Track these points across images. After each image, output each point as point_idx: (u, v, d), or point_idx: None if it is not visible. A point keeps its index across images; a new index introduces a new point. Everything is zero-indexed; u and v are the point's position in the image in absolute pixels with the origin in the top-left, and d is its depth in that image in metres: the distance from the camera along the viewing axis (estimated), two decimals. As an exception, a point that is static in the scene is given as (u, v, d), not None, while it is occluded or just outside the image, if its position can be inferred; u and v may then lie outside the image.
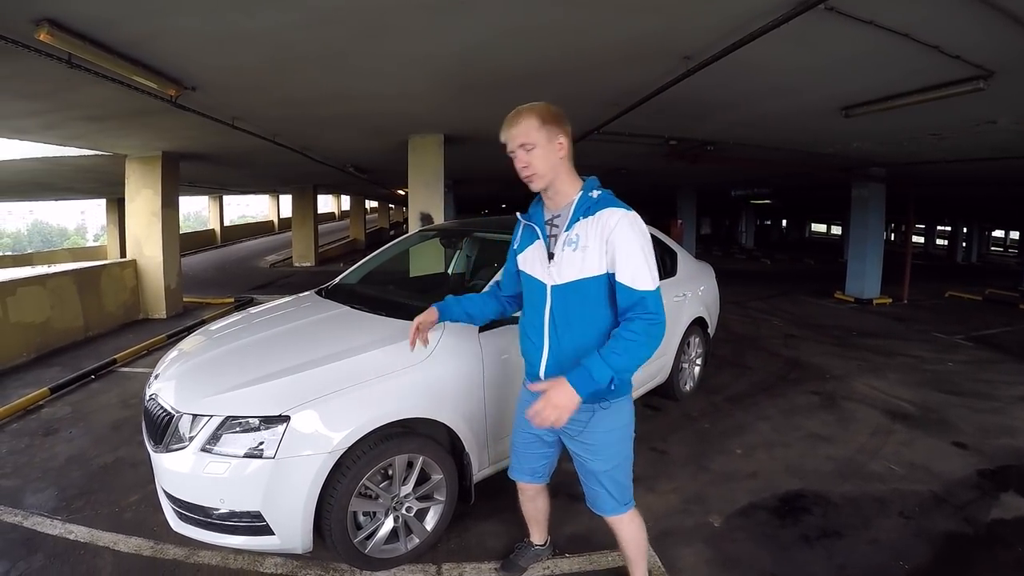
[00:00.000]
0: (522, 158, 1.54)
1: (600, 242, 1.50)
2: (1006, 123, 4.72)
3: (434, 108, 5.00)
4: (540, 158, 1.53)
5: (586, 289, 1.53)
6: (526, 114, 1.52)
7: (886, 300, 8.85)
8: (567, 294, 1.56)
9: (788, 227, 29.91)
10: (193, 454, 1.86)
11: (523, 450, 1.82)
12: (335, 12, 2.75)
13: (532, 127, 1.51)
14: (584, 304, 1.55)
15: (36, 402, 3.88)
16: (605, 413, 1.60)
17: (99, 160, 7.25)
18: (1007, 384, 4.62)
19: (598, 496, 1.69)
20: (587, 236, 1.52)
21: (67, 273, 5.80)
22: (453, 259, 4.05)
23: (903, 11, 2.67)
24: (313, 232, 14.55)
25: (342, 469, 1.85)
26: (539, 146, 1.51)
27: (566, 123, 1.55)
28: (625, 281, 1.47)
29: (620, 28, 2.99)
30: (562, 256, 1.56)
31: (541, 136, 1.51)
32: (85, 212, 60.82)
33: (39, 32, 2.70)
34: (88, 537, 2.31)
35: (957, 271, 16.10)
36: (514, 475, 1.88)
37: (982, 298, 9.44)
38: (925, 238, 27.34)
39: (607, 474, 1.65)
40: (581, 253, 1.52)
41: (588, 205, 1.54)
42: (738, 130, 5.76)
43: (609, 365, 1.41)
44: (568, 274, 1.55)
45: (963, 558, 2.27)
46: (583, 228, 1.53)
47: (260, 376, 1.98)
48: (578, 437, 1.64)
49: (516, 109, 1.57)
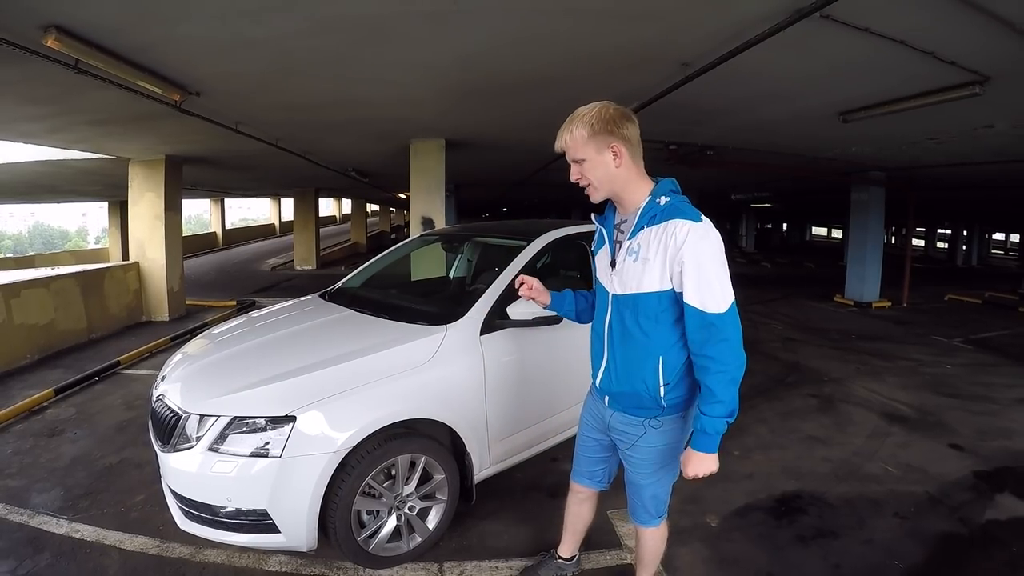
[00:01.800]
0: (575, 171, 1.47)
1: (664, 256, 1.39)
2: (1003, 127, 4.76)
3: (435, 113, 5.05)
4: (592, 170, 1.44)
5: (643, 305, 1.45)
6: (576, 125, 1.42)
7: (886, 303, 8.88)
8: (625, 307, 1.49)
9: (789, 230, 29.88)
10: (200, 453, 1.90)
11: (584, 454, 1.81)
12: (339, 20, 2.80)
13: (580, 141, 1.42)
14: (640, 320, 1.46)
15: (41, 403, 3.92)
16: (655, 431, 1.56)
17: (102, 163, 7.31)
18: (1005, 387, 4.65)
19: (636, 507, 1.70)
20: (649, 247, 1.41)
21: (71, 275, 5.84)
22: (454, 263, 4.09)
23: (897, 19, 2.71)
24: (315, 235, 14.58)
25: (347, 468, 1.88)
26: (589, 159, 1.42)
27: (624, 125, 1.42)
28: (693, 303, 1.37)
29: (620, 36, 3.04)
30: (623, 266, 1.48)
31: (590, 149, 1.41)
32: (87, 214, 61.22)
33: (47, 38, 2.75)
34: (94, 536, 2.35)
35: (957, 274, 16.07)
36: (574, 477, 1.86)
37: (982, 301, 9.45)
38: (925, 241, 27.34)
39: (647, 488, 1.64)
40: (641, 265, 1.43)
41: (654, 213, 1.43)
42: (737, 135, 5.80)
43: (717, 416, 1.39)
44: (628, 286, 1.47)
45: (957, 558, 2.29)
46: (646, 238, 1.42)
47: (266, 378, 2.02)
48: (629, 450, 1.63)
49: (571, 115, 1.45)
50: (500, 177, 11.43)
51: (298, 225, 14.83)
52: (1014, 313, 8.57)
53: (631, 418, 1.58)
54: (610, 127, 1.40)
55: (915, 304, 9.03)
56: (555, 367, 2.56)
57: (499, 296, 2.38)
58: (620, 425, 1.62)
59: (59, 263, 12.66)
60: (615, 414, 1.62)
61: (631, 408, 1.57)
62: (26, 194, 12.66)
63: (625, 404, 1.58)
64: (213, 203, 20.61)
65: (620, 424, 1.62)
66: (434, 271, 4.54)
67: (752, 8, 2.65)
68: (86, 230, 62.28)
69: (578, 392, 2.69)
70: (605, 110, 1.42)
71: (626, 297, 1.49)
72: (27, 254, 19.97)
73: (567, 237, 2.91)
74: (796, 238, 29.45)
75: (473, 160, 7.85)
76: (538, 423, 2.55)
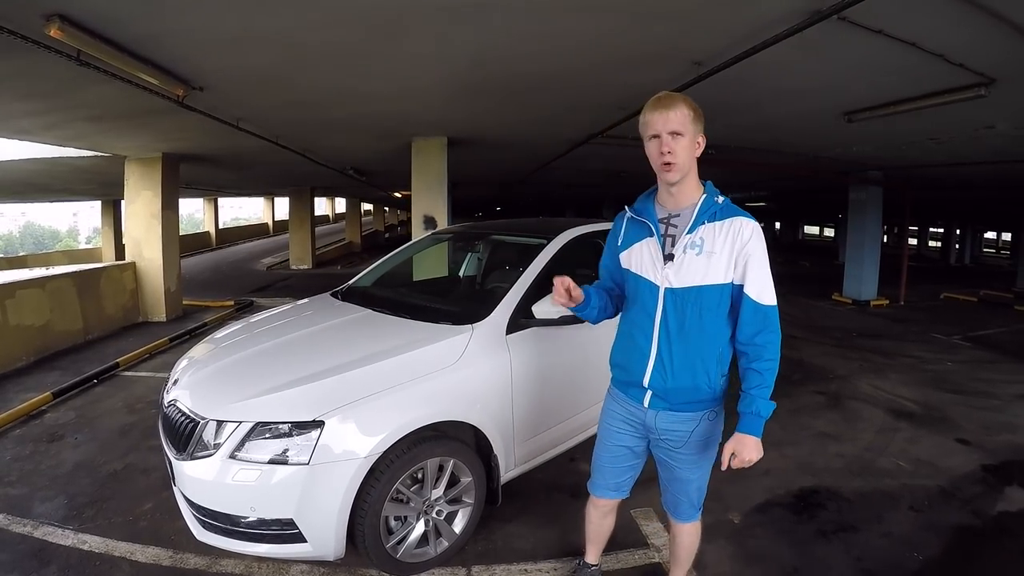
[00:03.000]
0: (668, 144, 1.44)
1: (731, 251, 1.45)
2: (1004, 128, 4.81)
3: (441, 111, 5.00)
4: (685, 149, 1.45)
5: (708, 297, 1.48)
6: (683, 103, 1.44)
7: (883, 301, 8.98)
8: (685, 300, 1.49)
9: (782, 229, 30.16)
10: (220, 461, 1.82)
11: (610, 465, 1.73)
12: (354, 12, 2.73)
13: (688, 118, 1.43)
14: (702, 312, 1.49)
15: (39, 407, 3.83)
16: (711, 420, 1.58)
17: (97, 161, 7.17)
18: (1005, 383, 4.72)
19: (680, 503, 1.68)
20: (714, 242, 1.46)
21: (67, 275, 5.72)
22: (464, 262, 4.06)
23: (912, 21, 2.71)
24: (310, 234, 14.48)
25: (376, 474, 1.84)
26: (687, 137, 1.45)
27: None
28: (752, 295, 1.45)
29: (635, 34, 3.02)
30: (683, 259, 1.49)
31: (692, 128, 1.45)
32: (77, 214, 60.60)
33: (49, 27, 2.65)
34: (103, 547, 2.26)
35: (951, 272, 16.31)
36: (596, 491, 1.80)
37: (977, 299, 9.60)
38: (918, 240, 27.69)
39: (695, 482, 1.64)
40: (706, 259, 1.46)
41: (715, 210, 1.49)
42: (741, 134, 5.82)
43: (766, 400, 1.46)
44: (689, 279, 1.48)
45: (973, 549, 2.34)
46: (709, 233, 1.47)
47: (289, 380, 1.96)
48: (679, 448, 1.60)
49: (666, 94, 1.48)
50: (498, 176, 11.40)
51: (294, 224, 14.71)
52: (1010, 311, 8.70)
53: (682, 415, 1.56)
54: (702, 119, 1.48)
55: (912, 302, 9.14)
56: (577, 366, 2.54)
57: (523, 295, 2.36)
58: (669, 424, 1.58)
59: (52, 263, 12.44)
60: (661, 413, 1.58)
61: (682, 404, 1.55)
62: (19, 193, 12.38)
63: (677, 400, 1.55)
64: (207, 202, 20.37)
65: (669, 423, 1.58)
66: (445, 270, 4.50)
67: (770, 8, 2.63)
68: (77, 230, 61.50)
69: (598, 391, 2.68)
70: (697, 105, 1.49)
71: (687, 290, 1.49)
72: (19, 254, 19.63)
73: (585, 235, 2.89)
74: (789, 237, 29.71)
75: (472, 159, 7.81)
76: (560, 423, 2.53)
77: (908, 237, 12.37)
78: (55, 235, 58.47)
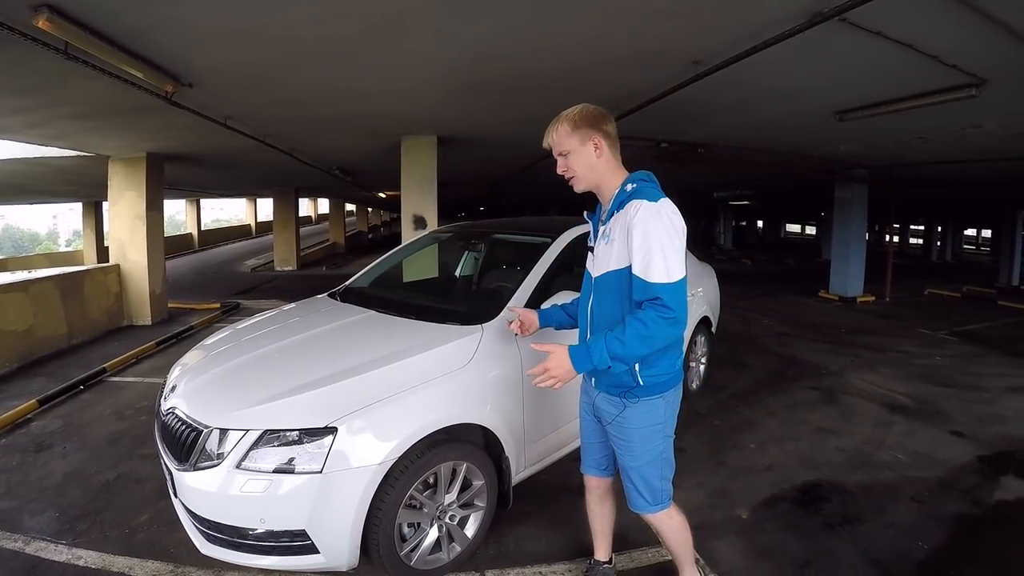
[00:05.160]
0: (560, 164, 1.63)
1: (623, 234, 1.51)
2: (991, 127, 4.92)
3: (433, 109, 4.95)
4: (576, 162, 1.60)
5: (612, 283, 1.57)
6: (560, 122, 1.59)
7: (870, 298, 9.13)
8: (601, 288, 1.62)
9: (764, 228, 30.55)
10: (227, 472, 1.75)
11: (586, 440, 1.84)
12: (353, 6, 2.67)
13: (564, 134, 1.58)
14: (612, 298, 1.58)
15: (25, 415, 3.70)
16: (635, 409, 1.60)
17: (80, 161, 6.97)
18: (994, 376, 4.83)
19: (630, 492, 1.70)
20: (615, 229, 1.55)
21: (50, 279, 5.55)
22: (461, 261, 4.02)
23: (911, 23, 2.75)
24: (295, 236, 14.30)
25: (390, 480, 1.79)
26: (574, 151, 1.59)
27: (604, 122, 1.58)
28: (637, 272, 1.46)
29: (637, 32, 3.01)
30: (599, 250, 1.63)
31: (574, 141, 1.57)
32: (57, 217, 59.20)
33: (38, 19, 2.54)
34: (99, 562, 2.16)
35: (933, 269, 16.64)
36: (584, 468, 1.88)
37: (961, 295, 9.81)
38: (900, 237, 28.30)
39: (636, 471, 1.65)
40: (611, 247, 1.56)
41: (622, 199, 1.56)
42: (731, 133, 5.86)
43: (608, 349, 1.43)
44: (601, 267, 1.61)
45: (975, 536, 2.40)
46: (616, 222, 1.56)
47: (297, 385, 1.90)
48: (610, 427, 1.68)
49: (556, 116, 1.62)
50: (484, 176, 11.34)
51: (278, 225, 14.50)
52: (993, 306, 8.90)
53: (611, 397, 1.64)
54: (591, 122, 1.57)
55: (897, 298, 9.31)
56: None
57: (531, 293, 2.34)
58: (603, 404, 1.69)
59: (32, 266, 12.08)
60: (600, 394, 1.69)
61: (611, 387, 1.64)
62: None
63: (606, 383, 1.65)
64: (189, 204, 20.01)
65: (603, 403, 1.69)
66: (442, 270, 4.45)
67: (773, 9, 2.65)
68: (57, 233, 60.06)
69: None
70: (586, 108, 1.60)
71: (600, 278, 1.62)
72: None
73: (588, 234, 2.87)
74: (771, 235, 30.14)
75: (460, 158, 7.74)
76: (568, 423, 2.50)
77: (892, 234, 12.61)
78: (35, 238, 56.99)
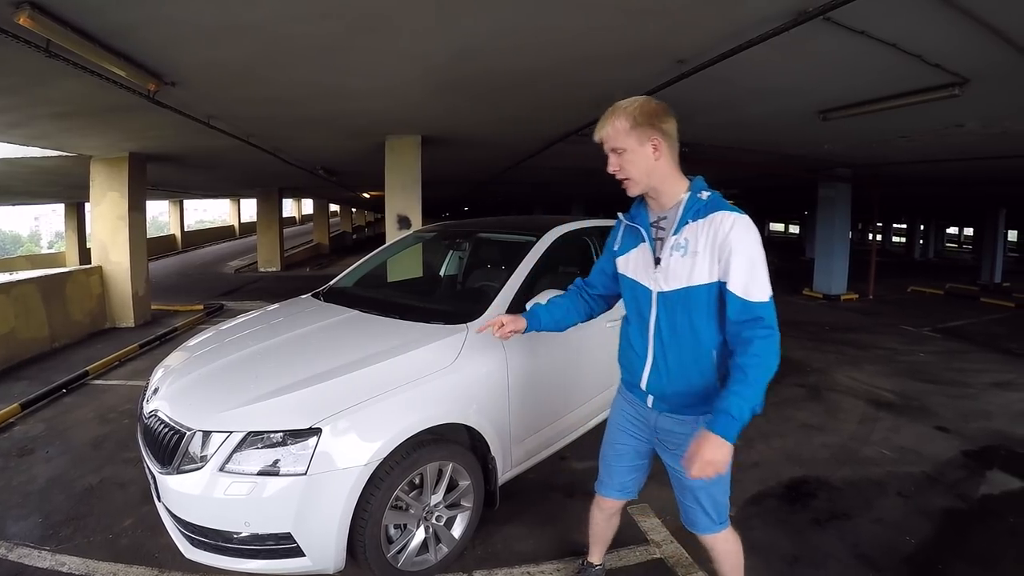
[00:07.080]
0: (614, 162, 1.47)
1: (712, 248, 1.39)
2: (973, 127, 4.99)
3: (420, 107, 4.90)
4: (632, 163, 1.44)
5: (694, 298, 1.43)
6: (617, 115, 1.43)
7: (853, 296, 9.25)
8: (674, 303, 1.46)
9: (750, 226, 30.67)
10: (210, 475, 1.72)
11: (616, 463, 1.71)
12: (338, 4, 2.65)
13: (622, 131, 1.42)
14: (691, 314, 1.45)
15: (6, 419, 3.62)
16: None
17: (61, 162, 6.84)
18: (977, 372, 4.91)
19: (694, 513, 1.60)
20: (697, 241, 1.41)
21: (31, 281, 5.44)
22: (445, 261, 4.00)
23: (893, 22, 2.77)
24: (279, 236, 14.18)
25: (375, 481, 1.77)
26: (630, 150, 1.43)
27: (664, 120, 1.43)
28: (737, 291, 1.36)
29: (622, 30, 3.00)
30: (669, 262, 1.46)
31: (632, 140, 1.42)
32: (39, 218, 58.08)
33: (19, 15, 2.48)
34: (83, 568, 2.14)
35: (916, 267, 16.88)
36: (602, 490, 1.76)
37: (943, 292, 9.99)
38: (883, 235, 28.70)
39: (704, 490, 1.54)
40: (691, 259, 1.42)
41: (698, 207, 1.44)
42: (716, 132, 5.88)
43: (746, 399, 1.31)
44: (676, 281, 1.45)
45: (962, 530, 2.43)
46: (692, 232, 1.43)
47: (281, 387, 1.88)
48: (677, 450, 1.53)
49: (612, 106, 1.46)
50: (468, 175, 11.28)
51: (262, 226, 14.35)
52: (975, 303, 9.07)
53: (682, 417, 1.53)
54: (652, 120, 1.42)
55: (881, 296, 9.45)
56: (569, 365, 2.53)
57: (516, 292, 2.33)
58: (670, 426, 1.56)
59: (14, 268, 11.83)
60: (661, 415, 1.57)
61: (682, 408, 1.53)
62: (-27, 195, 11.77)
63: (677, 403, 1.53)
64: (172, 205, 19.74)
65: (670, 425, 1.56)
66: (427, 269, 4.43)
67: (758, 8, 2.66)
68: (39, 234, 58.91)
69: (589, 390, 2.69)
70: (647, 104, 1.44)
71: (675, 293, 1.46)
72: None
73: (574, 232, 2.88)
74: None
75: (445, 158, 7.69)
76: (554, 423, 2.51)
77: (875, 233, 12.78)
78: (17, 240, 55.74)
